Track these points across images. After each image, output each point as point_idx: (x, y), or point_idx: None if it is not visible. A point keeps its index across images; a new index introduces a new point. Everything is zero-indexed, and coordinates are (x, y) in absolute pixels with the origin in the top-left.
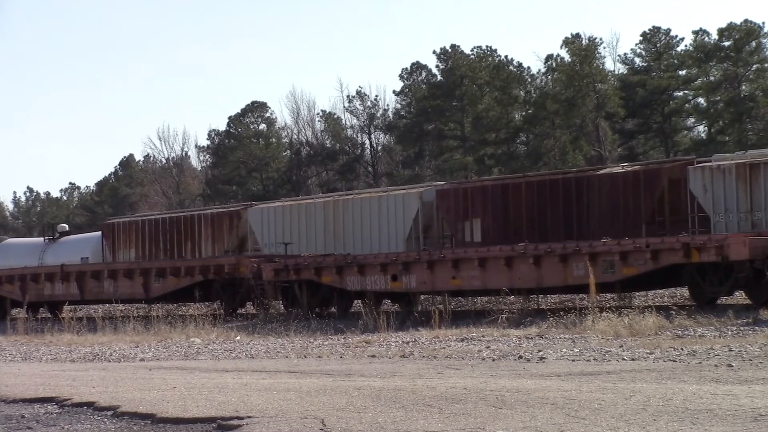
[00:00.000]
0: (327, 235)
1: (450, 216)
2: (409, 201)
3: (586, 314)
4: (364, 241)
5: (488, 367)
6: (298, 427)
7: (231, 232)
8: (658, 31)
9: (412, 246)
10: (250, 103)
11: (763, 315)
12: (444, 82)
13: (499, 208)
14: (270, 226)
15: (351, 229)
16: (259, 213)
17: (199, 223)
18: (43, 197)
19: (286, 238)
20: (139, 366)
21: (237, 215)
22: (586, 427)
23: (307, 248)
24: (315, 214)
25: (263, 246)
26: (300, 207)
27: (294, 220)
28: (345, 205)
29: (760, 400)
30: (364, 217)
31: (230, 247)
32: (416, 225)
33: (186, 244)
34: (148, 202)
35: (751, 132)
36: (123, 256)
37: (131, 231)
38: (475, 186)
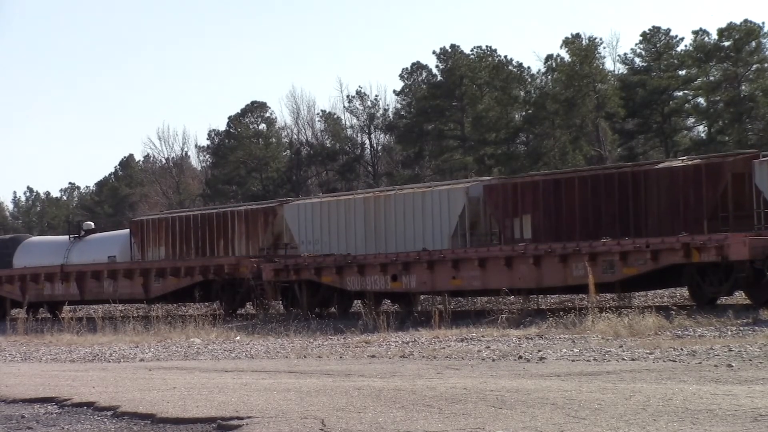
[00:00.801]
0: (368, 233)
1: (498, 212)
2: (454, 196)
3: (586, 314)
4: (407, 238)
5: (488, 367)
6: (298, 427)
7: (266, 229)
8: (658, 31)
9: (458, 243)
10: (250, 103)
11: (763, 315)
12: (444, 82)
13: (551, 204)
14: (307, 222)
15: (393, 226)
16: (296, 209)
17: (232, 220)
18: (43, 197)
19: (323, 236)
20: (139, 366)
21: (272, 212)
22: (586, 427)
23: (346, 246)
24: (354, 211)
25: (299, 243)
26: (339, 203)
27: (332, 217)
28: (387, 201)
29: (760, 400)
30: (407, 214)
31: (265, 244)
32: (462, 221)
33: (218, 242)
34: (148, 202)
35: (751, 132)
36: (152, 254)
37: (161, 228)
38: (525, 181)
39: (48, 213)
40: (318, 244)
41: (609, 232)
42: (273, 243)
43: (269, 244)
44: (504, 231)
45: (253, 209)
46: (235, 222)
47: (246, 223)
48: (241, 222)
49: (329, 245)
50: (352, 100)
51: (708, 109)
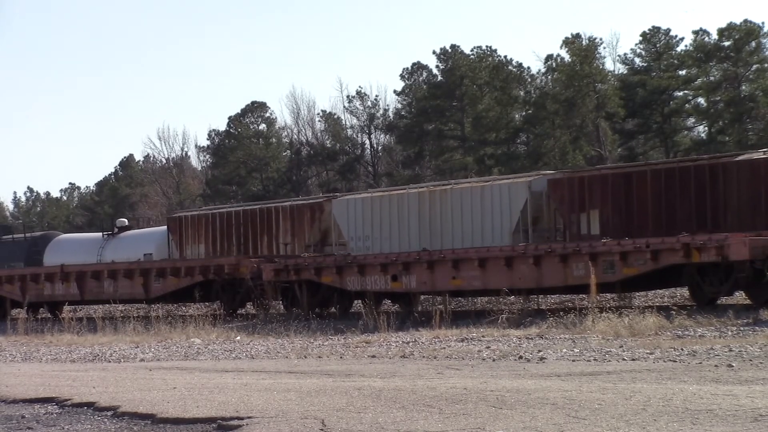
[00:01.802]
0: (422, 229)
1: (564, 207)
2: (516, 191)
3: (586, 314)
4: (465, 234)
5: (488, 367)
6: (298, 427)
7: (312, 225)
8: (658, 31)
9: (520, 240)
10: (250, 103)
11: (763, 315)
12: (444, 82)
13: (621, 199)
14: (357, 218)
15: (449, 222)
16: (345, 205)
17: (276, 216)
18: (43, 197)
19: (374, 232)
20: (139, 366)
21: (319, 207)
22: (586, 427)
23: (399, 243)
24: (408, 206)
25: (349, 240)
26: (391, 198)
27: (384, 213)
28: (442, 196)
29: (760, 400)
30: (464, 209)
31: (312, 241)
32: (524, 217)
33: (262, 239)
34: (148, 202)
35: (751, 132)
36: (192, 251)
37: (201, 225)
38: (593, 175)
39: (48, 213)
40: (368, 241)
41: (685, 227)
42: (320, 239)
43: (316, 240)
44: (569, 227)
45: (299, 204)
46: (280, 218)
47: (291, 219)
48: (286, 218)
49: (380, 242)
50: (352, 100)
51: (708, 109)
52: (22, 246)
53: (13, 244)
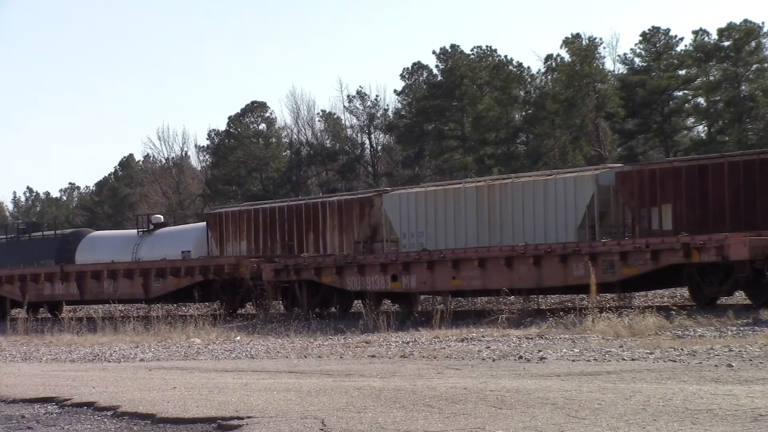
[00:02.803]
0: (480, 225)
1: (633, 201)
2: (582, 184)
3: (586, 314)
4: (526, 230)
5: (488, 367)
6: (298, 427)
7: (362, 221)
8: (658, 31)
9: (585, 235)
10: (250, 103)
11: (763, 315)
12: (444, 82)
13: (695, 193)
14: (410, 214)
15: (509, 218)
16: (397, 199)
17: (323, 212)
18: (42, 197)
19: (429, 228)
20: (139, 366)
21: (369, 202)
22: (586, 427)
23: (455, 239)
24: (465, 201)
25: (400, 236)
26: (446, 193)
27: (439, 208)
28: (502, 190)
29: (760, 400)
30: (526, 204)
31: (361, 237)
32: (591, 211)
33: (308, 235)
34: (148, 202)
35: (751, 132)
36: (232, 249)
37: (242, 221)
38: (665, 167)
39: (48, 213)
40: (422, 237)
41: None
42: (370, 236)
43: (366, 236)
44: (639, 222)
45: (347, 200)
46: (327, 213)
47: (339, 215)
48: (333, 213)
49: (435, 238)
50: (352, 100)
51: (708, 109)
52: (52, 243)
53: (42, 242)
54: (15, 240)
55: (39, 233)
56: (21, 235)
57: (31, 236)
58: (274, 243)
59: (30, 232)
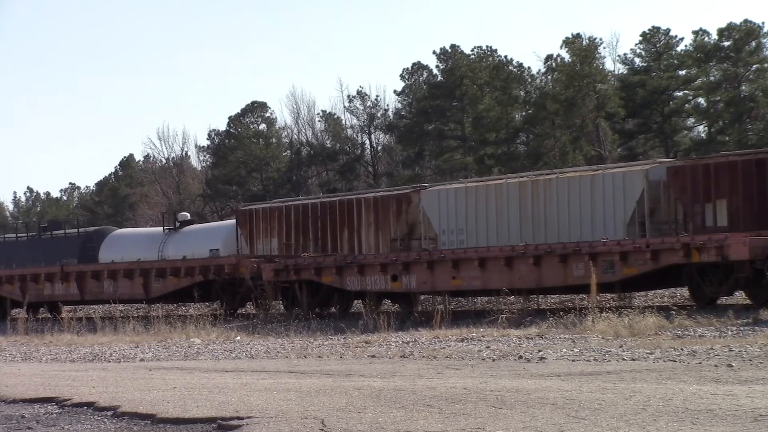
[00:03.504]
0: (523, 222)
1: (685, 197)
2: (631, 180)
3: (586, 314)
4: (572, 227)
5: (488, 367)
6: (298, 427)
7: (399, 217)
8: (658, 31)
9: (635, 232)
10: (250, 103)
11: (763, 315)
12: (444, 82)
13: (753, 188)
14: (449, 210)
15: (554, 214)
16: (436, 196)
17: (358, 208)
18: (43, 197)
19: (469, 225)
20: (139, 366)
21: (406, 199)
22: (586, 427)
23: (497, 236)
24: (507, 197)
25: (439, 233)
26: (488, 189)
27: (480, 204)
28: (547, 185)
29: (760, 400)
30: (572, 200)
31: (398, 235)
32: (641, 207)
33: (342, 233)
34: (148, 202)
35: (751, 132)
36: (263, 246)
37: (273, 218)
38: (720, 161)
39: (48, 213)
40: (462, 234)
41: None
42: (407, 233)
43: (403, 234)
44: (692, 218)
45: (383, 196)
46: (362, 210)
47: (375, 212)
48: (369, 210)
49: (476, 235)
50: (353, 100)
51: (708, 109)
52: (75, 242)
53: (65, 240)
54: (36, 238)
55: (61, 231)
56: (42, 233)
57: (53, 234)
58: (306, 241)
59: (52, 230)
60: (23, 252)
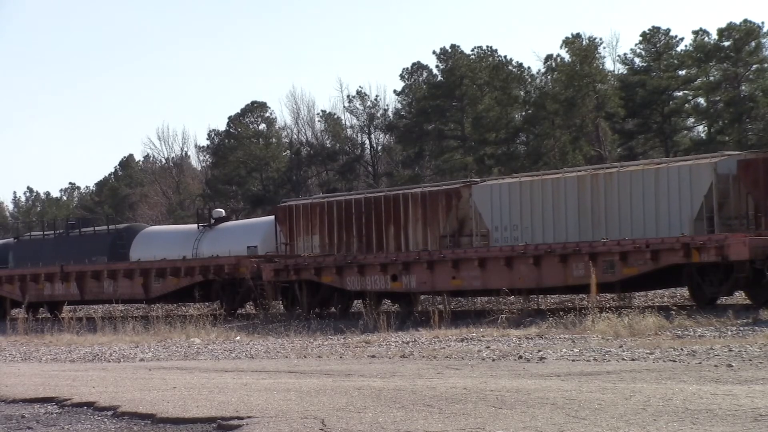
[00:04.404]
0: (581, 217)
1: (758, 191)
2: (698, 173)
3: (586, 314)
4: (635, 223)
5: (488, 367)
6: (298, 427)
7: (448, 213)
8: (658, 31)
9: (703, 228)
10: (250, 103)
11: (763, 315)
12: (444, 82)
13: None
14: (502, 206)
15: (615, 210)
16: (488, 191)
17: (405, 204)
18: (43, 197)
19: (524, 221)
20: (139, 366)
21: (456, 194)
22: (586, 427)
23: (553, 232)
24: (565, 192)
25: (492, 229)
26: (544, 183)
27: (536, 199)
28: (607, 180)
29: (760, 400)
30: (634, 195)
31: (447, 231)
32: (708, 202)
33: (387, 229)
34: (148, 202)
35: (751, 132)
36: (304, 244)
37: (314, 214)
38: None
39: (48, 213)
40: (516, 231)
41: None
42: (457, 229)
43: (453, 230)
44: (765, 213)
45: (431, 191)
46: (409, 206)
47: (423, 207)
48: (416, 206)
49: (531, 231)
50: (352, 100)
51: (708, 109)
52: (105, 239)
53: (94, 238)
54: (64, 236)
55: (90, 229)
56: (70, 230)
57: (81, 232)
58: (350, 238)
59: (80, 228)
60: (50, 250)
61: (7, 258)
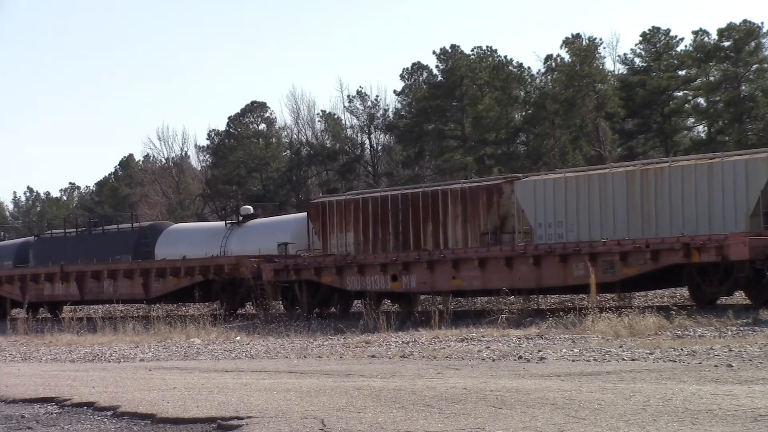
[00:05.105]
0: (630, 214)
1: None
2: (755, 168)
3: (586, 314)
4: (686, 220)
5: (488, 367)
6: (298, 427)
7: (489, 210)
8: (658, 31)
9: (759, 224)
10: (250, 103)
11: (763, 315)
12: (444, 82)
13: None
14: (546, 202)
15: (666, 206)
16: (531, 187)
17: (444, 200)
18: (43, 197)
19: (569, 218)
20: (139, 366)
21: (498, 190)
22: (586, 427)
23: (600, 230)
24: (613, 188)
25: (535, 226)
26: (590, 179)
27: (581, 196)
28: (658, 175)
29: (760, 400)
30: (686, 191)
31: (488, 228)
32: (765, 198)
33: (425, 226)
34: (148, 202)
35: (751, 132)
36: (337, 242)
37: (349, 211)
38: None
39: (48, 213)
40: (561, 228)
41: None
42: (499, 226)
43: (495, 227)
44: None
45: (472, 187)
46: (448, 202)
47: (463, 204)
48: (456, 202)
49: (576, 229)
50: (353, 100)
51: (708, 109)
52: (129, 237)
53: (117, 235)
54: (87, 234)
55: (113, 227)
56: (93, 228)
57: (104, 230)
58: (386, 235)
59: (103, 225)
60: (72, 248)
61: (27, 256)
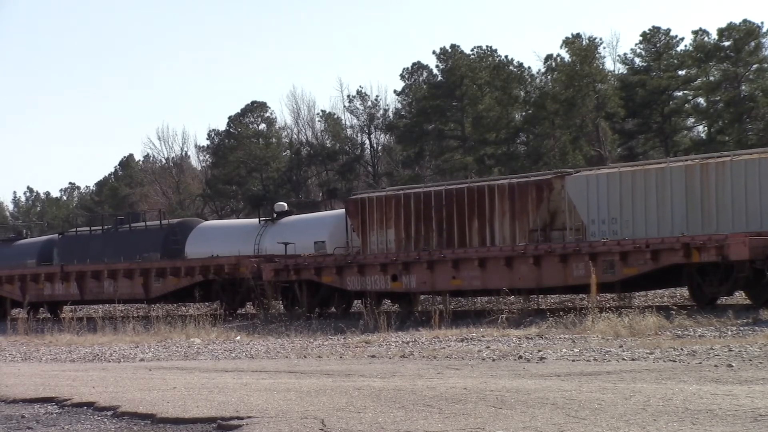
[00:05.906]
0: (690, 210)
1: None
2: None
3: (586, 314)
4: (750, 217)
5: (488, 367)
6: (298, 427)
7: (539, 206)
8: (658, 31)
9: None
10: (250, 103)
11: (763, 315)
12: (444, 82)
13: None
14: (600, 198)
15: (728, 202)
16: (584, 182)
17: (491, 196)
18: (43, 197)
19: (624, 214)
20: (139, 366)
21: (548, 185)
22: (586, 427)
23: (658, 228)
24: (671, 183)
25: (588, 223)
26: (647, 173)
27: (637, 191)
28: (718, 170)
29: (760, 400)
30: (749, 185)
31: (537, 225)
32: None
33: (471, 223)
34: (148, 202)
35: (751, 132)
36: (377, 239)
37: (389, 207)
38: None
39: (48, 213)
40: (615, 224)
41: None
42: (549, 222)
43: (543, 224)
44: None
45: (520, 183)
46: (495, 198)
47: (511, 200)
48: (503, 198)
49: (632, 225)
50: (353, 100)
51: (708, 109)
52: (157, 234)
53: (146, 233)
54: (113, 231)
55: (141, 223)
56: (120, 225)
57: (131, 227)
58: (429, 232)
59: (130, 222)
60: (98, 246)
61: (51, 255)
